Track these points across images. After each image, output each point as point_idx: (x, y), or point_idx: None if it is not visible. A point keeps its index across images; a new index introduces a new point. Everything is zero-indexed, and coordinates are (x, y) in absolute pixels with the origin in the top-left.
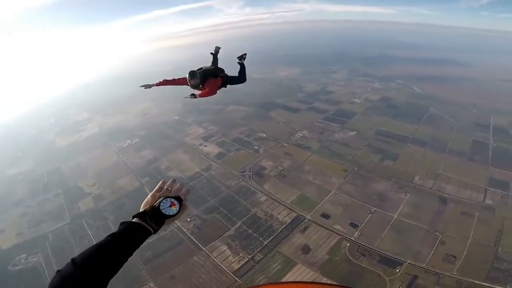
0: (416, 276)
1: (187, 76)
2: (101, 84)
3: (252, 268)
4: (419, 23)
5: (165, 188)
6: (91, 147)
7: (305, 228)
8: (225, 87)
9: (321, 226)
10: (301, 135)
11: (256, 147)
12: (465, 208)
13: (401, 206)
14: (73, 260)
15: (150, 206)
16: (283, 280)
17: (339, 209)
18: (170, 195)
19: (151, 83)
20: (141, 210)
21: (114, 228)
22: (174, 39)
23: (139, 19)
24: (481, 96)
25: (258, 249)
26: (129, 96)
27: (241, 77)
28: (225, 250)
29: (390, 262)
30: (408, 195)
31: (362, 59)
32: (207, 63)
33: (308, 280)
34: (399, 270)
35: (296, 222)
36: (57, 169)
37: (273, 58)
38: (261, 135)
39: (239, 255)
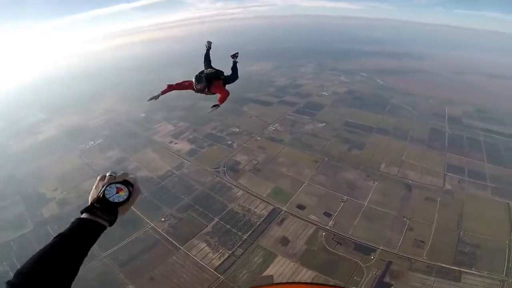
0: (390, 262)
1: (193, 80)
2: (58, 82)
3: (234, 263)
4: (383, 18)
5: (108, 175)
6: (50, 150)
7: (282, 220)
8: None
9: (297, 217)
10: (273, 128)
11: (229, 142)
12: (428, 194)
13: (370, 194)
14: (20, 273)
15: (95, 198)
16: (266, 274)
17: (313, 199)
18: (115, 180)
19: (156, 94)
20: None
21: None
22: (140, 34)
23: (98, 13)
24: (436, 87)
25: (238, 244)
26: (91, 94)
27: (234, 75)
28: (204, 248)
29: (364, 250)
30: (376, 183)
31: (330, 54)
32: (178, 57)
33: (299, 281)
34: (374, 257)
35: (273, 214)
36: (12, 175)
37: (244, 53)
38: (234, 129)
39: (219, 251)
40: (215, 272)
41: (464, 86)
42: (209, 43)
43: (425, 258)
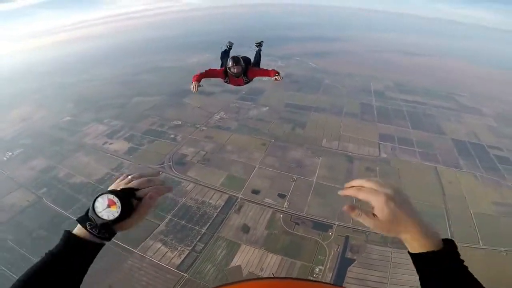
0: (347, 237)
1: (230, 63)
2: None
3: (196, 259)
4: (308, 4)
5: (122, 177)
6: None
7: (240, 208)
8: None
9: (254, 202)
10: (218, 117)
11: (172, 136)
12: (367, 164)
13: (317, 170)
14: None
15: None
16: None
17: (266, 182)
18: (117, 188)
19: (193, 85)
20: None
21: (17, 248)
22: (55, 34)
23: None
24: (361, 66)
25: (197, 239)
26: (0, 102)
27: (258, 65)
28: (160, 247)
29: (322, 227)
30: (320, 158)
31: (264, 40)
32: (104, 55)
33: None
34: (332, 234)
35: (230, 203)
36: None
37: (181, 46)
38: (176, 122)
39: (177, 249)
40: (177, 271)
41: (383, 63)
42: (231, 43)
43: None
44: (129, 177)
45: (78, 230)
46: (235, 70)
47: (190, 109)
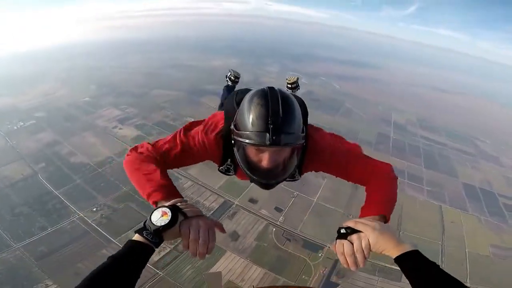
0: (337, 260)
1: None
2: None
3: (176, 258)
4: (345, 27)
5: (173, 201)
6: None
7: (234, 214)
8: None
9: (249, 211)
10: None
11: None
12: None
13: (320, 191)
14: None
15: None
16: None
17: (266, 193)
18: (169, 204)
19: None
20: None
21: None
22: (99, 21)
23: None
24: (386, 96)
25: None
26: (32, 76)
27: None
28: None
29: (312, 247)
30: (325, 180)
31: (292, 56)
32: (135, 45)
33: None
34: (321, 255)
35: (224, 207)
36: None
37: (211, 48)
38: (188, 119)
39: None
40: (153, 268)
41: (410, 96)
42: (236, 75)
43: (370, 258)
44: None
45: (136, 237)
46: (271, 162)
47: (205, 108)
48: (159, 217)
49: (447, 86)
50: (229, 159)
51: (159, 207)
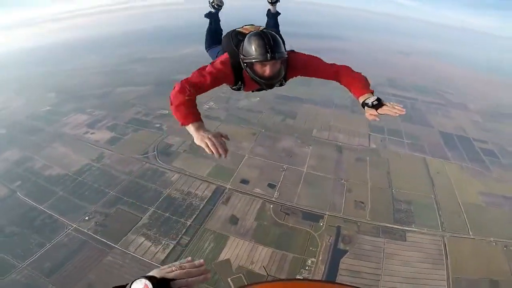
0: (339, 227)
1: (256, 50)
2: None
3: (182, 253)
4: (313, 2)
5: (167, 267)
6: None
7: (228, 198)
8: None
9: (243, 192)
10: (207, 106)
11: (158, 125)
12: (357, 154)
13: (307, 160)
14: None
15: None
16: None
17: (256, 172)
18: (157, 275)
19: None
20: None
21: None
22: (42, 23)
23: None
24: (358, 64)
25: (183, 232)
26: None
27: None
28: (143, 242)
29: (312, 217)
30: (310, 147)
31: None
32: (95, 45)
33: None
34: (323, 224)
35: (217, 193)
36: None
37: (177, 37)
38: (162, 112)
39: (161, 243)
40: (160, 266)
41: (379, 62)
42: (220, 2)
43: (368, 219)
44: (174, 266)
45: None
46: (272, 71)
47: None
48: None
49: (410, 50)
50: (239, 81)
51: (143, 277)
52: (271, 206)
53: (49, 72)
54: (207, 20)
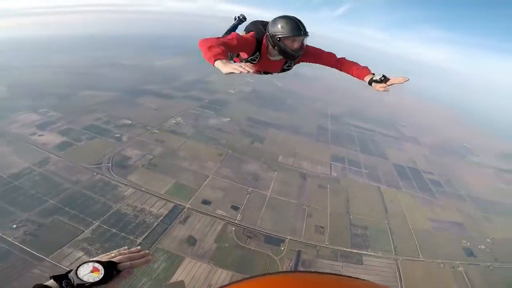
0: (299, 251)
1: (286, 26)
2: None
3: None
4: None
5: (105, 255)
6: None
7: (186, 218)
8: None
9: (204, 213)
10: (174, 121)
11: (117, 135)
12: (319, 181)
13: (272, 184)
14: None
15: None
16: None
17: (219, 193)
18: (102, 259)
19: (239, 66)
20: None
21: None
22: (22, 16)
23: None
24: (323, 91)
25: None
26: None
27: None
28: (81, 257)
29: (274, 241)
30: (275, 173)
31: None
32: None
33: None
34: (284, 248)
35: (175, 212)
36: None
37: (153, 47)
38: (125, 122)
39: None
40: None
41: (341, 91)
42: (243, 17)
43: (327, 243)
44: (113, 252)
45: (50, 283)
46: (299, 45)
47: (144, 109)
48: (88, 272)
49: None
50: (257, 52)
51: (90, 261)
52: (233, 228)
53: (10, 66)
54: (193, 34)
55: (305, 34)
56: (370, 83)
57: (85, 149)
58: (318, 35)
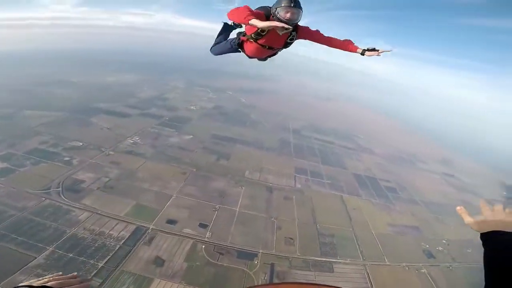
0: (273, 264)
1: (285, 4)
2: None
3: None
4: None
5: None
6: None
7: (151, 239)
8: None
9: (170, 233)
10: (131, 141)
11: (67, 159)
12: (285, 194)
13: (240, 199)
14: None
15: None
16: None
17: (185, 212)
18: (34, 284)
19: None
20: None
21: None
22: None
23: None
24: (283, 105)
25: (92, 274)
26: None
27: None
28: None
29: (247, 256)
30: (243, 188)
31: (200, 71)
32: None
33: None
34: (258, 262)
35: (138, 234)
36: None
37: (106, 63)
38: (75, 143)
39: None
40: None
41: (301, 105)
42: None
43: (298, 254)
44: (47, 277)
45: None
46: (292, 15)
47: (97, 129)
48: None
49: (326, 94)
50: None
51: (22, 285)
52: (203, 246)
53: None
54: (148, 49)
55: (295, 6)
56: (362, 53)
57: (29, 175)
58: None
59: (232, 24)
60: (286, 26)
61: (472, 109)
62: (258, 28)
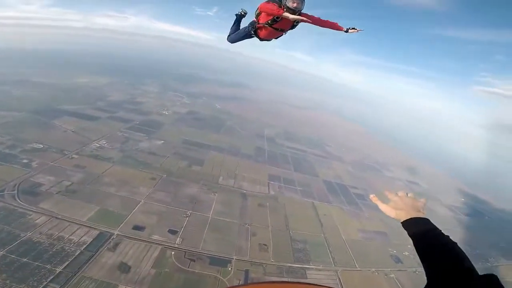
0: (247, 271)
1: None
2: None
3: None
4: (228, 49)
5: None
6: None
7: (116, 245)
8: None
9: (136, 239)
10: (97, 145)
11: (25, 161)
12: (259, 200)
13: (213, 206)
14: None
15: None
16: None
17: (153, 218)
18: None
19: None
20: None
21: None
22: None
23: None
24: (259, 113)
25: (49, 279)
26: None
27: None
28: None
29: (220, 262)
30: (216, 194)
31: (175, 76)
32: None
33: None
34: (231, 268)
35: (101, 240)
36: None
37: (75, 64)
38: (35, 146)
39: None
40: None
41: (275, 113)
42: (245, 11)
43: (272, 261)
44: None
45: None
46: (299, 4)
47: (60, 132)
48: None
49: (299, 103)
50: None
51: None
52: (173, 252)
53: None
54: (120, 52)
55: None
56: (346, 31)
57: None
58: (255, 57)
59: (243, 14)
60: (308, 21)
61: (433, 116)
62: (278, 18)
